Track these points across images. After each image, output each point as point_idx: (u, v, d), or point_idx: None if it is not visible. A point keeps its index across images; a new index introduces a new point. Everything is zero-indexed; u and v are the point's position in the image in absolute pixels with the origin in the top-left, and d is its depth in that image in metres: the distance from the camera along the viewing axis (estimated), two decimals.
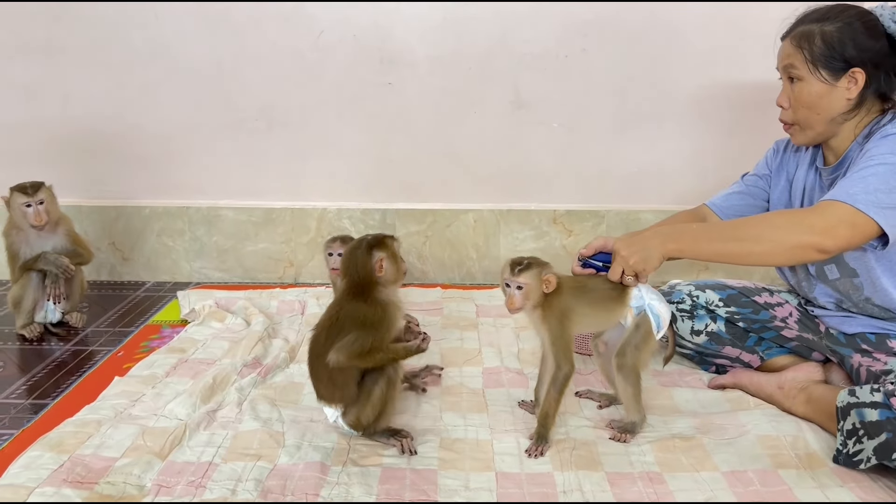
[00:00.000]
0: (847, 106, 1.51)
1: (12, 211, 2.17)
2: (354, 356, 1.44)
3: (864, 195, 1.36)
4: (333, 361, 1.44)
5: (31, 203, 2.15)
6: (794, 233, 1.39)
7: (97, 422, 1.58)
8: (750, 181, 1.80)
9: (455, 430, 1.59)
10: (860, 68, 1.47)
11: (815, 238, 1.37)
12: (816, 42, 1.49)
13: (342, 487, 1.37)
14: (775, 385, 1.68)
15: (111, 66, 2.57)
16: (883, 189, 1.37)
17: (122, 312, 2.39)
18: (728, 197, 1.82)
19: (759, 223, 1.49)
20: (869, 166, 1.40)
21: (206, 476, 1.40)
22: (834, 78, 1.49)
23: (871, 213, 1.36)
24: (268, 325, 2.13)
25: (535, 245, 2.69)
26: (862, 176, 1.39)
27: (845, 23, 1.48)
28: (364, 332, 1.44)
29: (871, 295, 1.55)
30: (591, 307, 1.55)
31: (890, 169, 1.38)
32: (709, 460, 1.45)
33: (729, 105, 2.55)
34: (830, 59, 1.48)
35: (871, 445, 1.35)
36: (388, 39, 2.53)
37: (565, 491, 1.36)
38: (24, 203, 2.14)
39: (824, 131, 1.55)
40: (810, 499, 1.33)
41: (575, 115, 2.59)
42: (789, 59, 1.54)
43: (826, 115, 1.53)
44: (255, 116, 2.61)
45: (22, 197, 2.14)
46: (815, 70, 1.50)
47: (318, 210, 2.68)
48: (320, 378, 1.51)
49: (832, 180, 1.57)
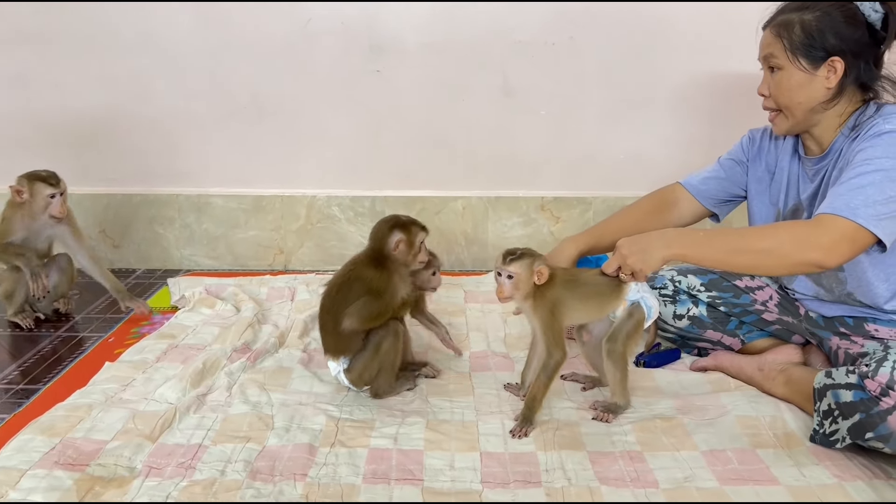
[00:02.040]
0: (827, 95, 1.52)
1: (35, 200, 2.11)
2: (365, 320, 1.58)
3: (864, 209, 1.36)
4: (348, 326, 1.57)
5: (55, 194, 2.12)
6: (800, 250, 1.39)
7: (88, 406, 1.60)
8: (727, 165, 1.82)
9: (441, 412, 1.62)
10: (839, 57, 1.48)
11: (818, 255, 1.38)
12: (796, 31, 1.50)
13: (330, 468, 1.40)
14: (755, 367, 1.71)
15: (102, 54, 2.57)
16: (881, 200, 1.37)
17: (112, 299, 2.40)
18: (706, 181, 1.83)
19: (766, 237, 1.47)
20: (865, 173, 1.39)
21: (195, 458, 1.42)
22: (813, 67, 1.50)
23: (871, 227, 1.36)
24: (257, 311, 2.15)
25: (523, 232, 2.72)
26: (860, 185, 1.39)
27: (825, 12, 1.49)
28: (371, 298, 1.58)
29: (854, 290, 1.57)
30: (582, 301, 1.58)
31: (886, 175, 1.38)
32: (689, 440, 1.48)
33: (715, 93, 2.57)
34: (810, 48, 1.49)
35: (846, 425, 1.38)
36: (376, 27, 2.54)
37: (548, 470, 1.39)
38: (49, 194, 2.11)
39: (804, 120, 1.56)
40: (787, 477, 1.37)
41: (563, 103, 2.61)
42: (769, 48, 1.55)
43: (806, 103, 1.53)
44: (245, 105, 2.62)
45: (48, 188, 2.10)
46: (794, 59, 1.51)
47: (307, 197, 2.70)
48: (328, 331, 1.63)
49: (818, 170, 1.58)
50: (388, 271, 1.61)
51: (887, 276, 1.52)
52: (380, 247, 1.63)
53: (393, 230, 1.62)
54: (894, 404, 1.31)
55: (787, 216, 1.68)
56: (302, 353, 1.91)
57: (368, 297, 1.58)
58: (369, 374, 1.63)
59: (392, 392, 1.68)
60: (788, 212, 1.68)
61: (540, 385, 1.54)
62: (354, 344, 1.62)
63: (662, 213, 1.86)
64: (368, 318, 1.58)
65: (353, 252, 2.69)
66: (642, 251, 1.48)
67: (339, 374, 1.66)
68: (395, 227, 1.63)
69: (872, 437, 1.35)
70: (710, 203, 1.83)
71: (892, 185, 1.38)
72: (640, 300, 1.58)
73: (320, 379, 1.76)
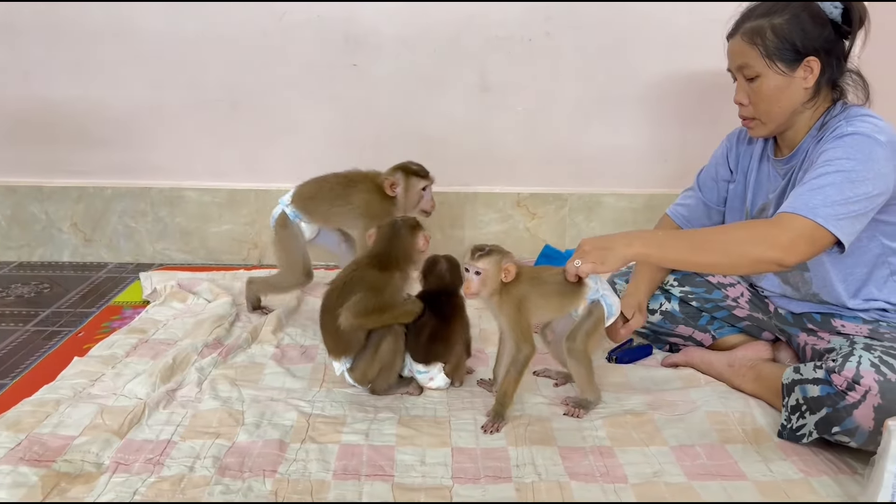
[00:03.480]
0: (806, 95, 1.53)
1: (410, 192, 2.02)
2: (360, 314, 1.56)
3: (823, 208, 1.38)
4: (344, 321, 1.56)
5: (427, 186, 2.04)
6: (758, 248, 1.40)
7: (56, 401, 1.58)
8: (707, 187, 1.82)
9: (414, 408, 1.62)
10: (814, 56, 1.50)
11: (777, 253, 1.39)
12: (769, 36, 1.50)
13: (300, 464, 1.39)
14: (726, 363, 1.73)
15: (72, 44, 2.53)
16: (840, 200, 1.39)
17: (83, 293, 2.38)
18: (689, 208, 1.85)
19: (725, 236, 1.50)
20: (826, 174, 1.41)
21: (164, 454, 1.41)
22: (791, 69, 1.51)
23: (829, 226, 1.38)
24: (230, 305, 2.13)
25: (499, 228, 2.72)
26: (820, 185, 1.40)
27: (793, 14, 1.49)
28: (369, 294, 1.57)
29: (819, 291, 1.59)
30: (545, 298, 1.58)
31: (846, 177, 1.40)
32: (658, 435, 1.50)
33: (691, 90, 2.59)
34: (785, 51, 1.50)
35: (813, 420, 1.40)
36: (353, 20, 2.52)
37: (518, 465, 1.40)
38: (422, 186, 2.03)
39: (784, 123, 1.57)
40: (754, 472, 1.38)
41: (539, 99, 2.61)
42: (743, 57, 1.54)
43: (788, 106, 1.54)
44: (218, 97, 2.59)
45: (422, 181, 2.03)
46: (772, 64, 1.51)
47: (282, 191, 2.64)
48: (329, 331, 1.62)
49: (787, 170, 1.60)
50: (390, 271, 1.61)
51: (844, 277, 1.55)
52: (401, 250, 1.64)
53: (415, 232, 1.66)
54: (860, 398, 1.33)
55: (756, 216, 1.70)
56: (275, 349, 1.90)
57: (366, 293, 1.57)
58: (371, 372, 1.63)
59: (390, 391, 1.67)
60: (757, 211, 1.70)
61: (510, 380, 1.54)
62: (354, 344, 1.61)
63: None
64: (363, 313, 1.56)
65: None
66: (604, 249, 1.47)
67: (343, 372, 1.66)
68: (413, 228, 1.66)
69: (839, 431, 1.37)
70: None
71: (852, 186, 1.39)
72: (600, 298, 1.58)
73: (293, 375, 1.76)
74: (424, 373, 1.65)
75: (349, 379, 1.66)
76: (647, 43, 2.55)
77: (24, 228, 2.69)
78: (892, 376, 1.32)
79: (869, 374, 1.33)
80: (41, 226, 2.69)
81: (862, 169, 1.40)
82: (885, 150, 1.41)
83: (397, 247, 1.63)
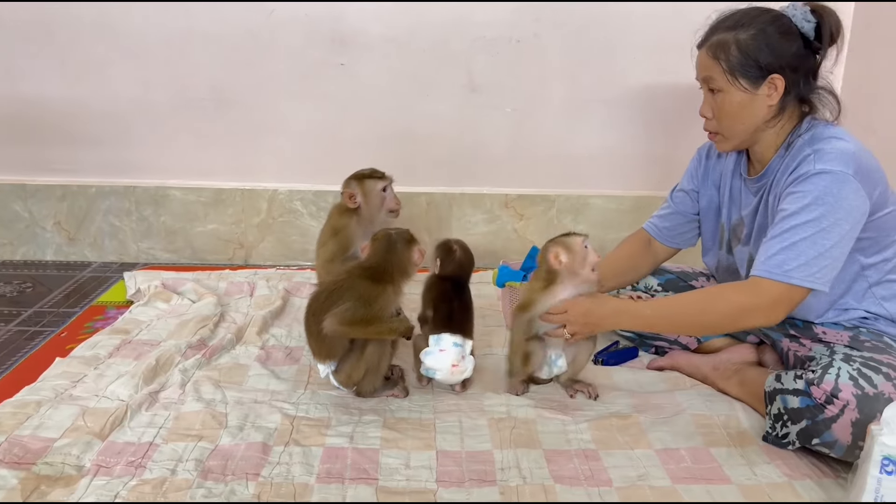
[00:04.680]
0: (770, 113, 1.50)
1: (369, 200, 2.02)
2: (346, 323, 1.53)
3: (797, 271, 1.38)
4: (327, 327, 1.53)
5: (386, 186, 2.04)
6: (743, 319, 1.47)
7: (36, 403, 1.57)
8: (678, 198, 1.83)
9: (399, 411, 1.61)
10: (779, 74, 1.45)
11: (761, 320, 1.45)
12: (732, 51, 1.46)
13: (283, 467, 1.38)
14: (711, 366, 1.73)
15: (57, 41, 2.50)
16: (814, 255, 1.38)
17: (67, 293, 2.36)
18: (663, 218, 1.86)
19: (707, 312, 1.50)
20: (797, 226, 1.40)
21: (146, 456, 1.39)
22: (754, 86, 1.47)
23: (805, 285, 1.39)
24: (215, 306, 2.12)
25: (487, 229, 2.72)
26: (792, 242, 1.39)
27: (759, 29, 1.45)
28: (358, 304, 1.53)
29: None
30: None
31: (817, 227, 1.38)
32: (643, 438, 1.50)
33: (678, 92, 2.59)
34: (748, 68, 1.46)
35: (795, 430, 1.40)
36: (340, 20, 2.51)
37: (503, 468, 1.39)
38: (381, 188, 2.03)
39: (748, 139, 1.55)
40: (738, 475, 1.38)
41: (527, 100, 2.61)
42: (707, 70, 1.52)
43: (750, 123, 1.51)
44: (204, 95, 2.57)
45: (379, 182, 2.03)
46: (734, 80, 1.48)
47: (269, 191, 2.66)
48: (313, 334, 1.59)
49: (758, 188, 1.58)
50: (383, 284, 1.58)
51: (820, 297, 1.51)
52: (397, 265, 1.60)
53: (410, 246, 1.62)
54: (838, 412, 1.33)
55: (730, 231, 1.70)
56: (259, 350, 1.88)
57: (356, 303, 1.54)
58: (357, 375, 1.62)
59: (376, 394, 1.66)
60: (732, 225, 1.69)
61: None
62: (338, 348, 1.59)
63: (643, 255, 1.88)
64: (349, 322, 1.53)
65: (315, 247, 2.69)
66: (592, 325, 1.57)
67: (328, 375, 1.64)
68: (409, 241, 1.63)
69: (819, 443, 1.38)
70: (675, 242, 1.86)
71: (825, 235, 1.38)
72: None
73: (277, 376, 1.75)
74: (460, 345, 1.62)
75: (334, 381, 1.65)
76: (634, 45, 2.55)
77: (6, 227, 2.66)
78: (869, 390, 1.32)
79: (847, 388, 1.33)
80: (24, 224, 2.66)
81: (832, 213, 1.38)
82: (854, 183, 1.39)
83: (391, 261, 1.60)
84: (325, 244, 2.06)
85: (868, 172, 1.42)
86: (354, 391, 1.66)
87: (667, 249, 1.87)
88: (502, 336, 2.00)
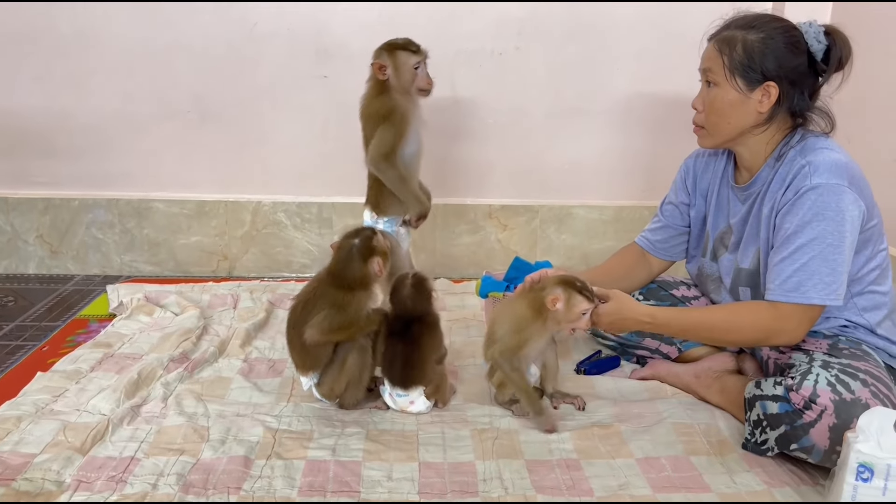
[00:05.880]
0: (758, 119, 1.52)
1: (400, 71, 1.85)
2: (325, 332, 1.55)
3: (814, 291, 1.42)
4: (309, 338, 1.55)
5: (420, 62, 1.86)
6: (767, 338, 1.50)
7: (17, 418, 1.56)
8: (668, 211, 1.84)
9: (382, 423, 1.61)
10: (775, 83, 1.47)
11: (785, 339, 1.49)
12: (737, 49, 1.48)
13: (265, 481, 1.38)
14: (692, 374, 1.75)
15: (39, 54, 2.50)
16: (827, 272, 1.41)
17: (49, 306, 2.34)
18: (654, 232, 1.87)
19: (732, 330, 1.52)
20: (804, 245, 1.42)
21: (127, 471, 1.39)
22: (749, 89, 1.49)
23: (824, 303, 1.43)
24: (198, 318, 2.11)
25: (471, 239, 2.73)
26: (804, 262, 1.42)
27: (768, 35, 1.47)
28: (333, 311, 1.56)
29: None
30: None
31: (824, 243, 1.41)
32: (624, 447, 1.51)
33: (657, 104, 2.62)
34: (747, 69, 1.48)
35: (774, 436, 1.42)
36: (323, 33, 2.52)
37: (485, 479, 1.40)
38: (415, 63, 1.86)
39: (731, 140, 1.57)
40: (718, 483, 1.39)
41: (510, 112, 2.63)
42: (709, 62, 1.53)
43: (736, 124, 1.53)
44: (188, 108, 2.57)
45: (413, 57, 1.85)
46: (731, 77, 1.49)
47: (252, 203, 2.67)
48: (295, 346, 1.61)
49: (747, 197, 1.60)
50: (352, 291, 1.58)
51: None
52: (358, 279, 1.58)
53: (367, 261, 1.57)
54: (816, 417, 1.34)
55: (716, 239, 1.71)
56: (242, 363, 1.88)
57: (331, 310, 1.56)
58: (339, 387, 1.63)
59: (358, 406, 1.67)
60: (717, 235, 1.71)
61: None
62: (321, 359, 1.60)
63: (638, 264, 1.89)
64: (329, 331, 1.56)
65: (299, 259, 2.70)
66: (619, 322, 1.56)
67: (310, 387, 1.65)
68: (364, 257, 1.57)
69: (797, 448, 1.39)
70: (668, 255, 1.88)
71: (834, 251, 1.42)
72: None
73: (260, 389, 1.74)
74: (404, 396, 1.64)
75: (317, 394, 1.66)
76: (614, 57, 2.58)
77: None
78: (847, 396, 1.34)
79: (825, 394, 1.35)
80: (6, 237, 2.65)
81: (836, 228, 1.41)
82: (850, 194, 1.42)
83: (351, 274, 1.58)
84: (376, 137, 1.85)
85: (859, 183, 1.45)
86: (337, 403, 1.67)
87: (661, 262, 1.89)
88: None
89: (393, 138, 1.85)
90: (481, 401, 1.71)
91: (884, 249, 1.56)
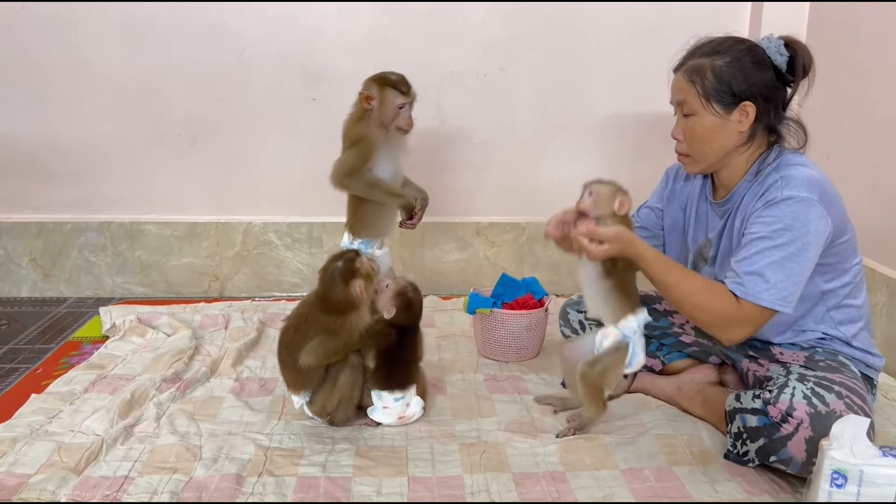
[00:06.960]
0: (740, 139, 1.56)
1: (384, 107, 1.89)
2: (321, 358, 1.60)
3: (767, 293, 1.44)
4: (305, 364, 1.59)
5: (405, 105, 1.90)
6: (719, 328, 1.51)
7: (12, 439, 1.58)
8: (643, 214, 1.88)
9: (372, 438, 1.64)
10: (751, 102, 1.51)
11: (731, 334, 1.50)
12: (708, 76, 1.52)
13: (256, 497, 1.40)
14: (675, 387, 1.78)
15: (30, 78, 2.54)
16: (781, 278, 1.44)
17: (42, 329, 2.37)
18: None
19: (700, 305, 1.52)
20: (765, 249, 1.45)
21: (121, 490, 1.41)
22: (726, 112, 1.53)
23: (774, 307, 1.45)
24: (190, 339, 2.14)
25: (459, 256, 2.77)
26: (762, 266, 1.45)
27: (735, 57, 1.52)
28: (327, 337, 1.60)
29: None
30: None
31: (784, 252, 1.44)
32: (609, 459, 1.54)
33: (640, 122, 2.67)
34: (722, 93, 1.51)
35: (754, 448, 1.45)
36: (311, 56, 2.57)
37: (473, 493, 1.43)
38: (399, 104, 1.90)
39: (717, 163, 1.61)
40: (700, 493, 1.43)
41: (496, 132, 2.68)
42: (682, 93, 1.57)
43: (720, 147, 1.57)
44: (178, 130, 2.62)
45: (399, 97, 1.89)
46: (707, 104, 1.53)
47: (243, 224, 2.70)
48: (287, 366, 1.65)
49: (724, 212, 1.64)
50: (342, 314, 1.61)
51: (780, 320, 1.56)
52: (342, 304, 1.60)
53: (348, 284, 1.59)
54: (793, 430, 1.38)
55: (696, 252, 1.75)
56: (234, 382, 1.91)
57: (324, 336, 1.59)
58: (331, 405, 1.65)
59: (349, 423, 1.70)
60: (697, 248, 1.75)
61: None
62: (313, 379, 1.63)
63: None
64: (324, 356, 1.60)
65: (290, 279, 2.73)
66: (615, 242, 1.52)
67: (302, 406, 1.68)
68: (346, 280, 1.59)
69: (776, 460, 1.43)
70: None
71: (792, 259, 1.44)
72: (630, 341, 1.60)
73: (251, 408, 1.77)
74: (401, 399, 1.67)
75: (308, 412, 1.68)
76: (597, 77, 2.64)
77: None
78: (822, 409, 1.37)
79: (801, 407, 1.38)
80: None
81: (800, 237, 1.44)
82: (819, 208, 1.45)
83: (335, 298, 1.60)
84: (339, 158, 1.95)
85: (830, 199, 1.49)
86: (328, 421, 1.69)
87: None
88: (473, 362, 2.06)
89: (355, 162, 1.93)
90: (469, 416, 1.74)
91: (857, 263, 1.60)
